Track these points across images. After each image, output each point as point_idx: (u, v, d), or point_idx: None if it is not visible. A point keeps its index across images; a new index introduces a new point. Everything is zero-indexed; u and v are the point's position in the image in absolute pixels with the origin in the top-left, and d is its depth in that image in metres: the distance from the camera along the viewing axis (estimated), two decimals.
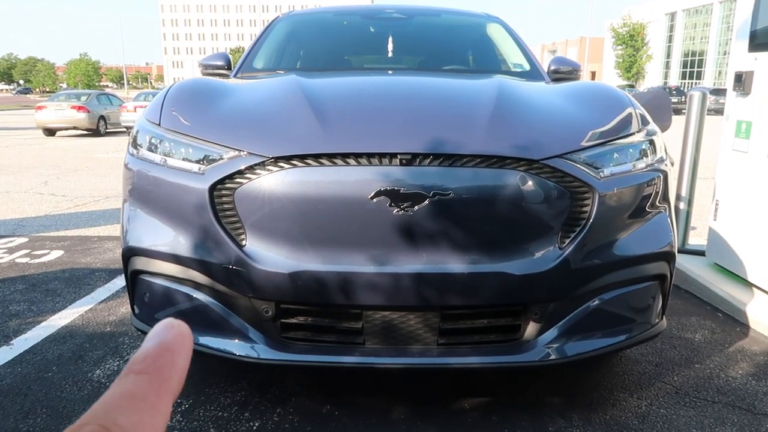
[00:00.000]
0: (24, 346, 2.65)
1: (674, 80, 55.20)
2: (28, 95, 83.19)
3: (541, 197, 1.84)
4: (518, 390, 2.30)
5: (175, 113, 2.10)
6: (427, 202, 1.77)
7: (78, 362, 2.49)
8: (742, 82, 3.27)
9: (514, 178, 1.82)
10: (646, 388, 2.32)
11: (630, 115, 2.15)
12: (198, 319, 1.97)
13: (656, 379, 2.39)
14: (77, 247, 4.48)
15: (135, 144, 2.11)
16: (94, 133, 17.65)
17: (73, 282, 3.61)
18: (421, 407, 2.15)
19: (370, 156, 1.81)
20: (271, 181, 1.81)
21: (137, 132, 2.14)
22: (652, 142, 2.11)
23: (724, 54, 47.52)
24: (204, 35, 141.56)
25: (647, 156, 2.07)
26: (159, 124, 2.07)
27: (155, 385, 0.26)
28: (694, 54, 53.69)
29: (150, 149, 2.05)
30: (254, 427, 2.02)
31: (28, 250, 4.39)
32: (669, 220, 2.11)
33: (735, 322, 3.02)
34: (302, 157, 1.82)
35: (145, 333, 2.06)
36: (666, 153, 2.18)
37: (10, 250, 4.39)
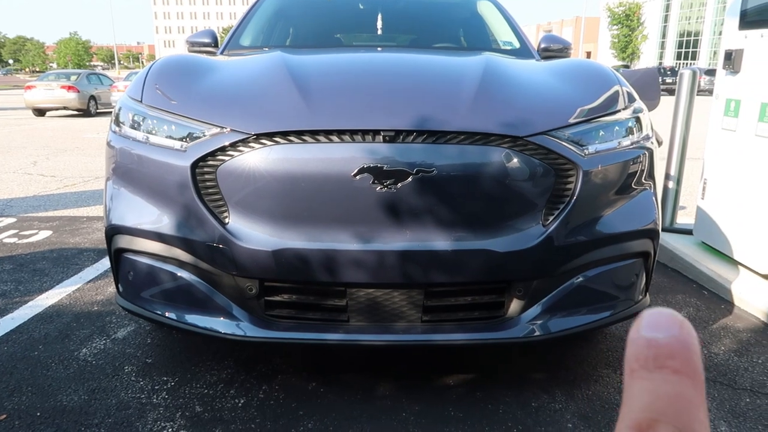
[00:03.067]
0: (10, 326, 2.65)
1: (669, 60, 54.99)
2: None
3: (526, 174, 1.84)
4: (503, 367, 2.32)
5: (157, 90, 2.07)
6: (410, 179, 1.76)
7: (64, 341, 2.49)
8: (731, 60, 3.26)
9: (498, 155, 1.81)
10: None
11: (617, 92, 2.13)
12: (182, 297, 1.97)
13: None
14: (66, 228, 4.45)
15: (117, 121, 2.09)
16: (85, 113, 17.46)
17: (61, 262, 3.59)
18: (406, 384, 2.17)
19: (353, 133, 1.80)
20: (254, 159, 1.80)
21: (119, 109, 2.11)
22: (638, 120, 2.10)
23: (720, 34, 47.28)
24: (196, 14, 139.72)
25: (633, 133, 2.06)
26: (141, 101, 2.05)
27: (699, 390, 0.24)
28: (689, 34, 53.42)
29: (132, 126, 2.03)
30: (239, 404, 2.03)
31: (16, 231, 4.36)
32: (654, 197, 2.11)
33: (720, 300, 3.05)
34: (285, 134, 1.80)
35: (129, 311, 2.06)
36: (652, 131, 2.18)
37: None
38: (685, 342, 0.25)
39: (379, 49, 3.22)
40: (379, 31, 3.58)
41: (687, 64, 52.37)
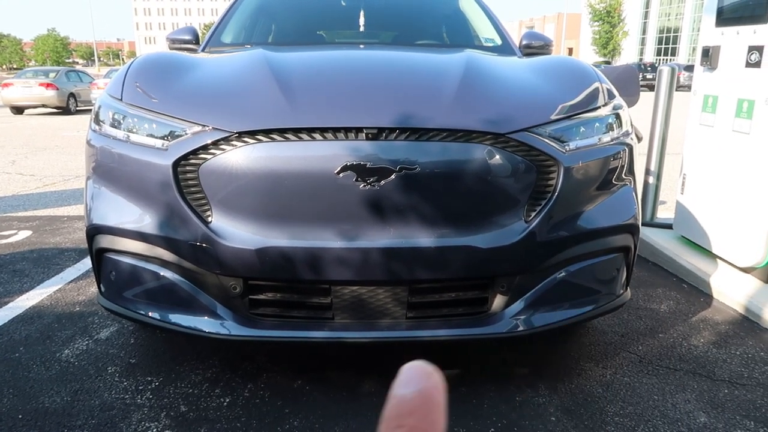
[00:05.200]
0: None
1: (649, 57, 55.61)
2: None
3: (508, 171, 1.85)
4: (487, 362, 2.34)
5: (138, 88, 2.05)
6: (393, 176, 1.77)
7: (46, 342, 2.47)
8: (709, 56, 3.31)
9: (480, 152, 1.83)
10: (612, 357, 2.38)
11: (597, 89, 2.16)
12: (165, 297, 1.95)
13: (622, 349, 2.45)
14: (46, 227, 4.40)
15: (97, 120, 2.07)
16: (64, 111, 17.21)
17: (41, 262, 3.55)
18: (391, 381, 2.17)
19: (335, 130, 1.80)
20: (237, 157, 1.79)
21: (99, 107, 2.09)
22: (617, 116, 2.13)
23: (698, 31, 47.91)
24: (177, 10, 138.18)
25: (613, 130, 2.09)
26: (121, 99, 2.03)
27: None
28: (669, 30, 54.06)
29: (112, 125, 2.01)
30: (225, 403, 2.02)
31: None
32: (633, 193, 2.14)
33: (699, 293, 3.10)
34: (267, 132, 1.80)
35: (111, 312, 2.04)
36: (632, 127, 2.21)
37: None
38: (427, 395, 0.25)
39: (361, 46, 3.22)
40: (362, 28, 3.57)
41: (667, 60, 53.03)
